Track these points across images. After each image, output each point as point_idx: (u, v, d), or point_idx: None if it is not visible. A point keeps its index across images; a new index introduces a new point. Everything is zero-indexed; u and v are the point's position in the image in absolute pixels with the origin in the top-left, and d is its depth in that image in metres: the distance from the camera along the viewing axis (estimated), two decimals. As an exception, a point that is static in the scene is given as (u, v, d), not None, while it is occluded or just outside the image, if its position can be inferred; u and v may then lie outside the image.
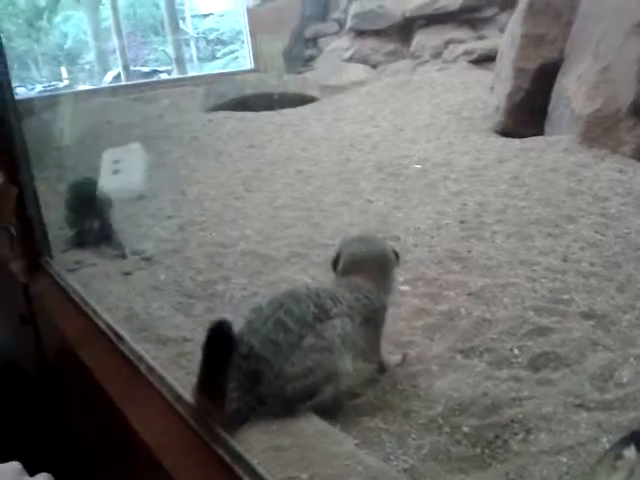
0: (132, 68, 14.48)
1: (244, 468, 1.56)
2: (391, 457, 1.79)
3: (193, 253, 3.29)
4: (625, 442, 1.57)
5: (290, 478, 1.58)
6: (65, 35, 18.26)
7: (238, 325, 2.57)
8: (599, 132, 4.83)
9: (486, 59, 9.44)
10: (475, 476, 1.73)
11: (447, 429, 1.91)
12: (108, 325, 2.39)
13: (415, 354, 2.33)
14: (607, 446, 1.73)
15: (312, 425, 1.83)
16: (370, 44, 10.86)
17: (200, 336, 2.48)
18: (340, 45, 11.10)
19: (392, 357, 2.28)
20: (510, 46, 6.15)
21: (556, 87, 5.52)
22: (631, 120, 4.65)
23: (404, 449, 1.83)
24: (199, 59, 20.42)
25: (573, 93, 5.17)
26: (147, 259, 3.29)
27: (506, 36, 6.60)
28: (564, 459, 1.75)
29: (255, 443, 1.74)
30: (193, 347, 2.38)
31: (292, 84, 8.00)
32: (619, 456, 1.54)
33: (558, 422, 1.89)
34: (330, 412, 1.96)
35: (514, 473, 1.72)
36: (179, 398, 1.83)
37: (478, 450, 1.82)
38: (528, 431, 1.87)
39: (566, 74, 5.45)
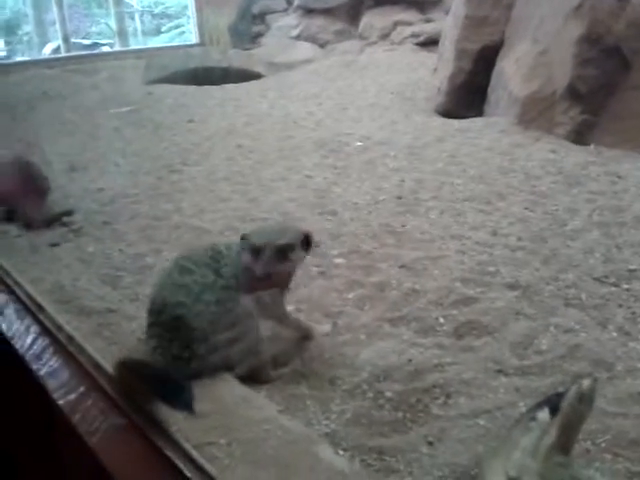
0: (73, 40, 13.88)
1: (161, 435, 1.54)
2: (313, 422, 1.80)
3: (124, 226, 3.20)
4: (540, 406, 1.63)
5: (209, 444, 1.57)
6: (2, 5, 17.35)
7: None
8: (535, 114, 4.95)
9: (432, 42, 9.49)
10: (395, 439, 1.76)
11: (371, 395, 1.93)
12: (29, 295, 2.30)
13: (344, 324, 2.34)
14: (524, 410, 1.78)
15: (233, 391, 1.82)
16: (318, 23, 10.77)
17: (126, 308, 2.44)
18: (288, 22, 10.97)
19: (321, 327, 2.29)
20: (453, 28, 6.20)
21: (496, 69, 5.61)
22: (566, 102, 4.79)
23: (327, 414, 1.84)
24: (144, 33, 19.80)
25: (511, 75, 5.28)
26: (75, 231, 3.18)
27: (449, 18, 6.66)
28: (482, 422, 1.80)
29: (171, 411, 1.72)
30: (118, 319, 2.33)
31: (237, 60, 7.86)
32: (533, 418, 1.60)
33: (478, 387, 1.94)
34: (254, 379, 1.96)
35: (433, 436, 1.76)
36: (98, 367, 1.78)
37: (400, 415, 1.85)
38: (448, 396, 1.91)
39: (505, 57, 5.55)
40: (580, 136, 4.67)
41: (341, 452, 1.69)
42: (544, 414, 1.52)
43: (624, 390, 1.91)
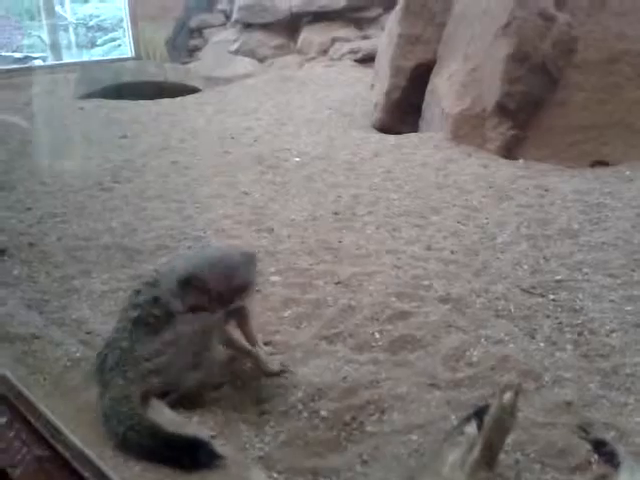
0: (3, 54, 13.35)
1: (86, 466, 1.48)
2: (247, 446, 1.76)
3: (51, 247, 3.07)
4: (468, 419, 1.66)
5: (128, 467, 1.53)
6: None
7: (96, 321, 2.45)
8: (467, 130, 5.10)
9: (370, 58, 9.64)
10: (330, 459, 1.75)
11: (306, 414, 1.91)
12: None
13: (281, 342, 2.32)
14: (455, 423, 1.81)
15: (163, 417, 1.76)
16: (257, 37, 10.77)
17: (52, 333, 2.34)
18: (226, 37, 10.92)
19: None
20: (388, 45, 6.34)
21: (429, 86, 5.76)
22: (496, 118, 4.95)
23: (261, 437, 1.81)
24: (78, 46, 19.27)
25: (444, 92, 5.43)
26: (0, 253, 3.03)
27: (384, 36, 6.81)
28: (415, 437, 1.81)
29: (100, 438, 1.66)
30: (43, 345, 2.22)
31: (173, 73, 7.74)
32: (461, 432, 1.62)
33: (411, 402, 1.96)
34: (188, 404, 1.91)
35: (367, 454, 1.76)
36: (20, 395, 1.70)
37: (335, 433, 1.84)
38: (383, 412, 1.92)
39: (438, 74, 5.71)
40: (510, 151, 4.84)
41: (275, 475, 1.66)
42: (471, 428, 1.55)
43: (552, 400, 1.96)
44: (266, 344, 2.26)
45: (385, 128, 5.86)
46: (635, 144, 4.73)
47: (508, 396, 1.46)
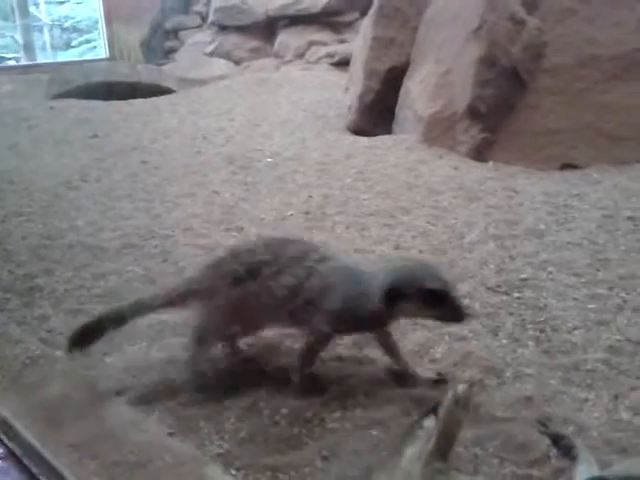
0: (-24, 54, 13.14)
1: (39, 463, 1.45)
2: (206, 443, 1.74)
3: (15, 245, 3.02)
4: (427, 413, 1.66)
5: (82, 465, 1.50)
6: None
7: (58, 319, 2.40)
8: (439, 132, 5.14)
9: (346, 62, 9.68)
10: (290, 456, 1.73)
11: (267, 412, 1.90)
12: None
13: (246, 341, 2.31)
14: (415, 418, 1.81)
15: (121, 416, 1.74)
16: (233, 40, 10.76)
17: (12, 332, 2.29)
18: (202, 39, 10.89)
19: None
20: (362, 49, 6.36)
21: (402, 89, 5.80)
22: (467, 121, 5.00)
23: (221, 435, 1.79)
24: (53, 47, 19.04)
25: (416, 95, 5.47)
26: (-39, 252, 2.97)
27: (359, 39, 6.84)
28: (375, 432, 1.81)
29: (56, 435, 1.63)
30: (2, 343, 2.18)
31: (146, 75, 7.68)
32: (420, 426, 1.62)
33: (374, 398, 1.95)
34: (147, 402, 1.89)
35: (328, 450, 1.75)
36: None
37: (296, 430, 1.83)
38: (345, 408, 1.91)
39: (411, 77, 5.75)
40: (480, 153, 4.89)
41: (233, 472, 1.65)
42: (430, 422, 1.55)
43: (513, 395, 1.98)
44: None
45: (359, 130, 5.88)
46: (603, 147, 4.81)
47: (462, 389, 1.47)
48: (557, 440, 1.68)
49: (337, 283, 1.95)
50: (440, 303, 1.85)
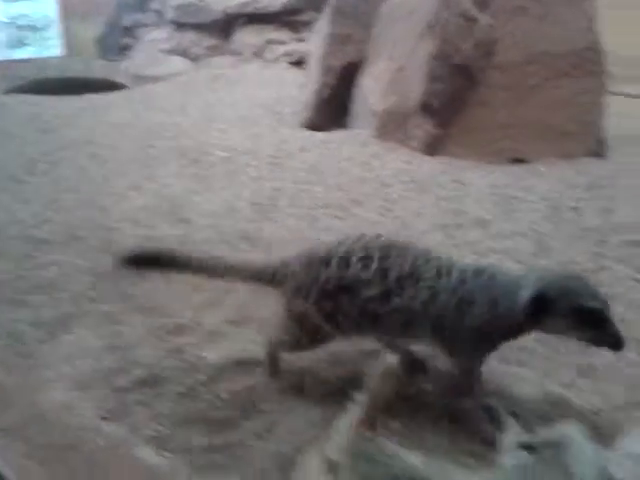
0: None
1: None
2: (140, 426, 1.73)
3: (-46, 238, 2.93)
4: (362, 389, 1.68)
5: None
6: None
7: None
8: (392, 127, 5.19)
9: (304, 61, 9.71)
10: (224, 437, 1.74)
11: (205, 396, 1.90)
12: None
13: (188, 328, 2.30)
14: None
15: (53, 401, 1.71)
16: (190, 37, 10.63)
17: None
18: (159, 36, 10.72)
19: None
20: (318, 45, 6.40)
21: (358, 85, 5.84)
22: (419, 116, 5.06)
23: (156, 418, 1.78)
24: (8, 45, 18.62)
25: (371, 91, 5.52)
26: None
27: (315, 35, 6.87)
28: (312, 412, 1.82)
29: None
30: None
31: (101, 70, 7.56)
32: (353, 400, 1.64)
33: (314, 376, 1.97)
34: (82, 388, 1.86)
35: (264, 429, 1.76)
36: None
37: (233, 413, 1.83)
38: (283, 390, 1.92)
39: (366, 73, 5.79)
40: (432, 148, 4.95)
41: (166, 453, 1.64)
42: (362, 395, 1.57)
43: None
44: None
45: (315, 126, 5.88)
46: (550, 141, 4.94)
47: (392, 361, 1.49)
48: (486, 411, 1.72)
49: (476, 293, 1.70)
50: (596, 325, 1.61)
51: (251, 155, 4.66)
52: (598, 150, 5.12)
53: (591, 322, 1.60)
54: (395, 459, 1.27)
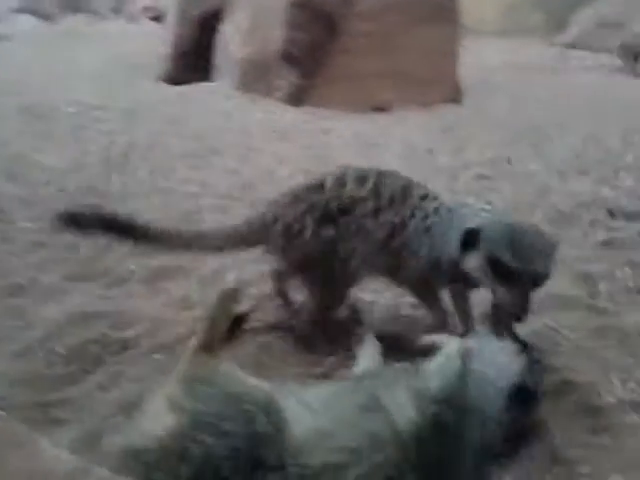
0: None
1: None
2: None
3: None
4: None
5: None
6: None
7: None
8: (254, 78, 5.06)
9: (164, 16, 9.24)
10: (64, 392, 1.61)
11: (42, 353, 1.75)
12: None
13: (26, 284, 2.10)
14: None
15: None
16: (40, -6, 9.72)
17: None
18: (5, -8, 9.70)
19: None
20: (176, -6, 6.05)
21: (218, 35, 5.62)
22: (281, 66, 4.97)
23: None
24: None
25: (231, 39, 5.33)
26: None
27: (172, -16, 6.49)
28: (159, 356, 1.74)
29: None
30: None
31: None
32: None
33: (161, 325, 1.88)
34: None
35: (108, 380, 1.65)
36: None
37: (73, 368, 1.70)
38: (128, 341, 1.81)
39: (226, 22, 5.58)
40: (297, 99, 4.90)
41: (1, 412, 1.49)
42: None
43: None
44: None
45: (174, 79, 5.59)
46: (408, 89, 5.06)
47: (229, 288, 1.45)
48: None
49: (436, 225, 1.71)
50: (507, 283, 1.52)
51: (103, 110, 4.36)
52: (454, 97, 5.34)
53: (503, 277, 1.52)
54: (233, 380, 1.24)
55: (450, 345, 1.38)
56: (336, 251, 1.74)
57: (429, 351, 1.40)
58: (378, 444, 1.13)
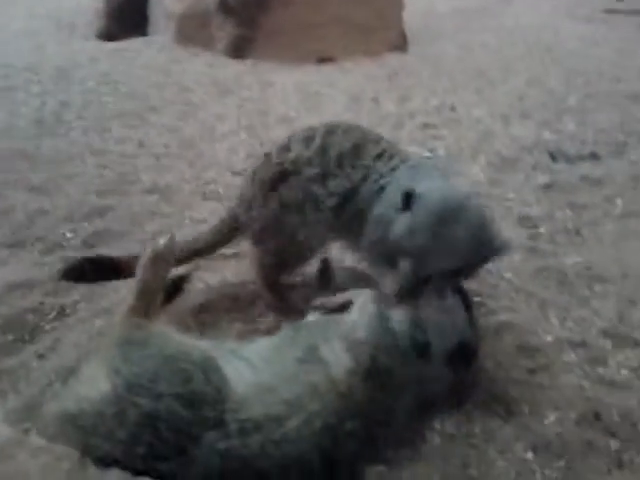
0: None
1: None
2: None
3: None
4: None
5: None
6: None
7: None
8: (192, 30, 4.86)
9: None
10: (2, 363, 1.55)
11: (-27, 326, 1.68)
12: None
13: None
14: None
15: None
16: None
17: None
18: None
19: None
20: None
21: (151, -13, 5.36)
22: (220, 17, 4.78)
23: None
24: None
25: (164, -7, 5.09)
26: None
27: None
28: (99, 321, 1.70)
29: None
30: None
31: None
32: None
33: (98, 288, 1.82)
34: None
35: (45, 349, 1.60)
36: None
37: (9, 337, 1.64)
38: (64, 307, 1.76)
39: (159, -27, 5.32)
40: (238, 50, 4.74)
41: None
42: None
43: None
44: None
45: (108, 36, 5.31)
46: (355, 40, 4.95)
47: (160, 245, 1.40)
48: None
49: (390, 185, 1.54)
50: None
51: (33, 71, 4.12)
52: (399, 45, 5.27)
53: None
54: (168, 341, 1.21)
55: (362, 296, 1.38)
56: (283, 222, 1.64)
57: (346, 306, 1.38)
58: (317, 394, 1.14)
